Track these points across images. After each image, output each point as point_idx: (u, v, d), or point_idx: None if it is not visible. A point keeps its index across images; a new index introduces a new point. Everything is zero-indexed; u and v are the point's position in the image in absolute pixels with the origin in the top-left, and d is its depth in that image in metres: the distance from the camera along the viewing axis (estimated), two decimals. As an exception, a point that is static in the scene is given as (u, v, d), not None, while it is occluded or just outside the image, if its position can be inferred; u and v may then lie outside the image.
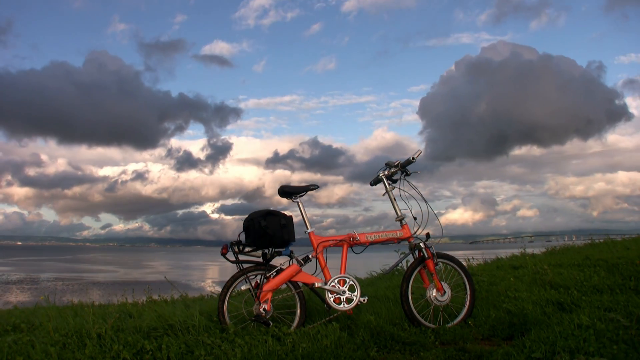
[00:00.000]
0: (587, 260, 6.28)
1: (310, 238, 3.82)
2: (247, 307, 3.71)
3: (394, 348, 3.38)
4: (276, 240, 3.64)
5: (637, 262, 5.58)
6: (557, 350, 2.74)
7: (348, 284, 3.73)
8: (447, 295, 3.94)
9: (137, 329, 3.46)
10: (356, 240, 3.84)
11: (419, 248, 3.93)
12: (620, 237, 12.36)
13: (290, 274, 3.67)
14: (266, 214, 3.66)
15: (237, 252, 3.64)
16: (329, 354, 3.11)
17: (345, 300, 3.69)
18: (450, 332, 3.67)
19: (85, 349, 2.97)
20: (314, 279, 3.75)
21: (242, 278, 3.66)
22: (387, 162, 4.09)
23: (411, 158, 3.96)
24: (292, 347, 3.15)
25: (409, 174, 4.05)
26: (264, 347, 3.10)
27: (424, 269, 3.99)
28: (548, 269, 5.53)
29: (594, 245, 10.31)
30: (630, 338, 2.89)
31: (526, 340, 3.03)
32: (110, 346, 3.03)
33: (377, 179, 4.10)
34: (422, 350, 3.33)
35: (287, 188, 3.85)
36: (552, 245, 11.86)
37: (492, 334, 3.68)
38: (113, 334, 3.25)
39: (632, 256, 6.22)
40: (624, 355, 2.65)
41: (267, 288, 3.60)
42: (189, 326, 3.45)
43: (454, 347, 3.33)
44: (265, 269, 3.68)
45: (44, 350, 2.95)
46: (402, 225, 3.99)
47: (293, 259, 3.74)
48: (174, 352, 2.96)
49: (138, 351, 2.98)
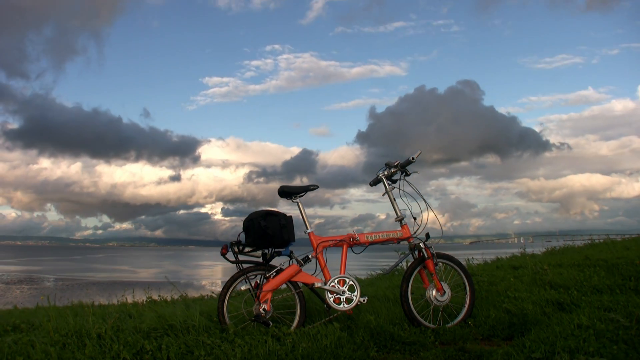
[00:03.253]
0: (587, 260, 6.28)
1: (310, 238, 3.82)
2: (247, 307, 3.71)
3: (394, 348, 3.38)
4: (276, 241, 3.64)
5: (637, 262, 5.58)
6: (557, 350, 2.74)
7: (348, 284, 3.73)
8: (446, 295, 3.94)
9: (137, 329, 3.46)
10: (356, 240, 3.84)
11: (418, 248, 3.93)
12: (620, 237, 12.38)
13: (290, 274, 3.67)
14: (266, 214, 3.67)
15: (237, 252, 3.64)
16: (328, 354, 3.11)
17: (345, 300, 3.69)
18: (450, 332, 3.67)
19: (85, 349, 2.97)
20: (313, 279, 3.75)
21: (242, 278, 3.66)
22: (387, 163, 4.09)
23: (411, 158, 3.96)
24: (292, 347, 3.15)
25: (408, 174, 4.05)
26: (264, 347, 3.10)
27: (424, 269, 3.99)
28: (548, 269, 5.53)
29: (593, 245, 10.32)
30: (630, 338, 2.89)
31: (526, 340, 3.03)
32: (110, 346, 3.03)
33: (376, 179, 4.10)
34: (422, 350, 3.33)
35: (286, 188, 3.85)
36: (552, 245, 11.86)
37: (492, 334, 3.68)
38: (113, 334, 3.25)
39: (632, 256, 6.22)
40: (624, 355, 2.65)
41: (267, 288, 3.60)
42: (188, 326, 3.46)
43: (453, 347, 3.34)
44: (265, 269, 3.68)
45: (44, 350, 2.95)
46: (401, 225, 3.99)
47: (293, 259, 3.75)
48: (174, 352, 2.96)
49: (138, 351, 2.98)
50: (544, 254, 8.96)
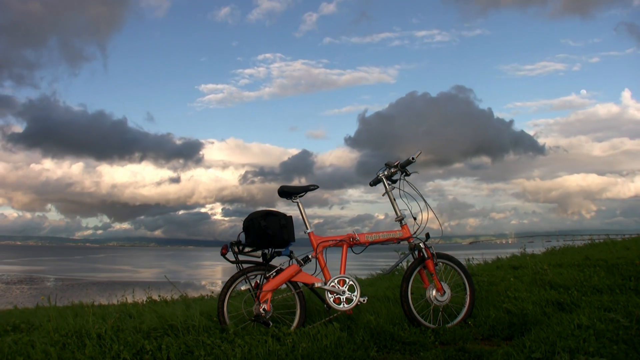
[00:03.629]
0: (587, 260, 6.28)
1: (310, 238, 3.82)
2: (247, 307, 3.71)
3: (394, 348, 3.38)
4: (276, 241, 3.64)
5: (637, 262, 5.58)
6: (557, 350, 2.74)
7: (348, 284, 3.73)
8: (446, 295, 3.94)
9: (137, 329, 3.46)
10: (356, 240, 3.84)
11: (418, 248, 3.93)
12: (620, 237, 12.38)
13: (290, 274, 3.67)
14: (266, 214, 3.67)
15: (237, 252, 3.64)
16: (328, 354, 3.11)
17: (345, 300, 3.69)
18: (450, 332, 3.67)
19: (85, 349, 2.97)
20: (313, 279, 3.75)
21: (242, 278, 3.66)
22: (387, 163, 4.09)
23: (411, 158, 3.96)
24: (292, 347, 3.15)
25: (408, 174, 4.05)
26: (264, 347, 3.10)
27: (424, 269, 3.99)
28: (548, 269, 5.53)
29: (593, 245, 10.32)
30: (630, 338, 2.89)
31: (526, 340, 3.03)
32: (110, 346, 3.03)
33: (376, 179, 4.10)
34: (422, 350, 3.33)
35: (286, 188, 3.85)
36: (552, 245, 11.86)
37: (492, 334, 3.68)
38: (113, 334, 3.25)
39: (632, 256, 6.22)
40: (624, 355, 2.65)
41: (267, 288, 3.60)
42: (189, 326, 3.45)
43: (453, 347, 3.34)
44: (265, 269, 3.68)
45: (44, 350, 2.95)
46: (401, 225, 3.99)
47: (293, 259, 3.75)
48: (174, 352, 2.95)
49: (138, 351, 2.98)
50: (544, 254, 8.96)
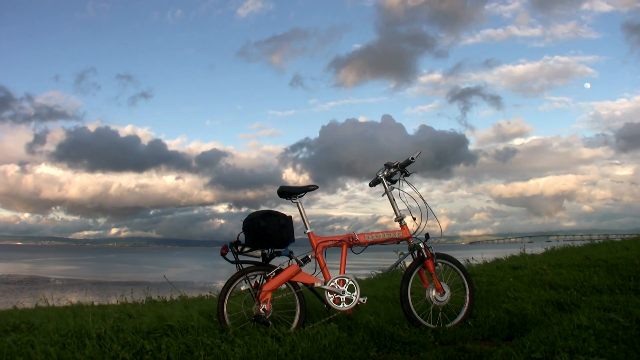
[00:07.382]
0: (586, 260, 6.29)
1: (309, 238, 3.82)
2: (247, 307, 3.71)
3: (394, 348, 3.38)
4: (275, 241, 3.64)
5: (637, 262, 5.58)
6: (557, 351, 2.74)
7: (347, 284, 3.73)
8: (446, 295, 3.94)
9: (137, 329, 3.46)
10: (355, 240, 3.85)
11: (418, 248, 3.93)
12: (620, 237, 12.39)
13: (289, 274, 3.67)
14: (266, 214, 3.67)
15: (237, 252, 3.64)
16: (328, 354, 3.11)
17: (345, 300, 3.69)
18: (450, 332, 3.67)
19: (85, 350, 2.97)
20: (313, 279, 3.75)
21: (242, 278, 3.66)
22: (387, 163, 4.09)
23: (410, 158, 3.96)
24: (292, 347, 3.15)
25: (408, 174, 4.05)
26: (264, 348, 3.10)
27: (424, 269, 3.99)
28: (547, 269, 5.54)
29: (593, 245, 10.33)
30: (630, 338, 2.89)
31: (526, 340, 3.03)
32: (110, 346, 3.03)
33: (376, 179, 4.10)
34: (422, 350, 3.33)
35: (286, 188, 3.86)
36: (552, 245, 11.87)
37: (492, 334, 3.68)
38: (113, 334, 3.25)
39: (631, 256, 6.22)
40: (624, 355, 2.65)
41: (266, 288, 3.60)
42: (188, 326, 3.45)
43: (453, 347, 3.34)
44: (264, 269, 3.68)
45: (44, 350, 2.95)
46: (401, 225, 3.99)
47: (292, 259, 3.75)
48: (174, 353, 2.96)
49: (138, 351, 2.98)
50: (544, 254, 8.96)
